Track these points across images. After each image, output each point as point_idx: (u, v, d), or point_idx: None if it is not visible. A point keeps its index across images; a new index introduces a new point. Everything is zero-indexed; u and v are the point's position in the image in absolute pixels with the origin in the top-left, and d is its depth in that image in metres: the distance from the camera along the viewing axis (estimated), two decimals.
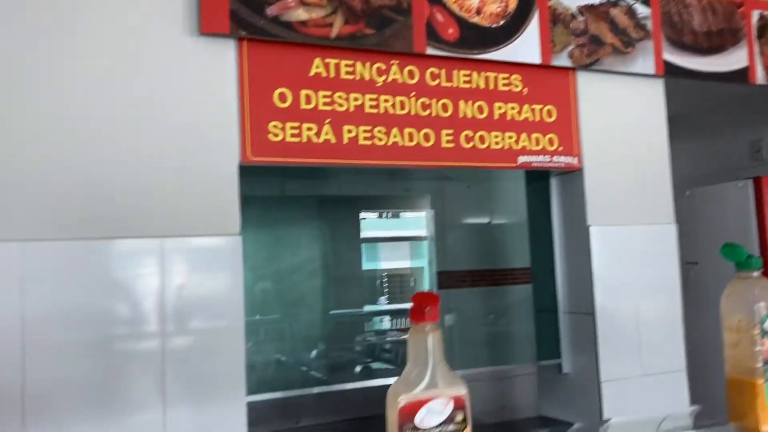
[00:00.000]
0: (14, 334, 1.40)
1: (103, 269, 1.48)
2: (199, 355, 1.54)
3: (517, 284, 3.47)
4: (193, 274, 1.56)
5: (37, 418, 1.39)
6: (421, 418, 0.83)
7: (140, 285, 1.51)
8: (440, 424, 0.85)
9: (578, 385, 2.08)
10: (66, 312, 1.44)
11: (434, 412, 0.83)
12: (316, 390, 2.10)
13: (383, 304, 4.26)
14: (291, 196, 3.22)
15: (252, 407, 1.58)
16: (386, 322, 4.33)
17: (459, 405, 0.86)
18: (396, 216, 4.65)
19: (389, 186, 3.70)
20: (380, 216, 4.64)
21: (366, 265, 4.20)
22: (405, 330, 4.05)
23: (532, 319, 2.34)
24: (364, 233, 4.15)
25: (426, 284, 4.25)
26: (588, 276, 2.03)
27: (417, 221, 4.52)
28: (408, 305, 0.91)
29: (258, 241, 3.03)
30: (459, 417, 0.85)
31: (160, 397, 1.49)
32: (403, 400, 0.84)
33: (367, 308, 4.02)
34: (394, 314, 4.18)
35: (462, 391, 0.86)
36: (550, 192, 2.19)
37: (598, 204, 2.06)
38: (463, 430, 0.85)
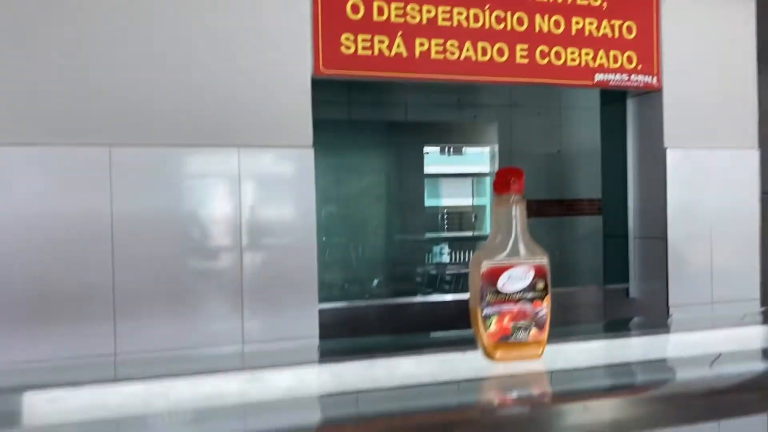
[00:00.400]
0: (105, 235, 1.47)
1: (183, 176, 1.54)
2: (275, 260, 1.60)
3: (584, 215, 3.41)
4: (269, 183, 1.61)
5: (125, 318, 1.48)
6: (503, 283, 0.84)
7: (219, 193, 1.56)
8: (522, 290, 0.86)
9: (645, 309, 2.05)
10: (150, 217, 1.51)
11: (516, 278, 0.85)
12: (378, 302, 2.16)
13: (444, 233, 4.29)
14: (357, 120, 3.23)
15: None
16: (446, 256, 4.37)
17: (540, 273, 0.87)
18: (459, 152, 4.61)
19: (457, 114, 3.66)
20: (443, 152, 4.60)
21: (428, 202, 4.21)
22: (465, 263, 4.07)
23: (600, 248, 2.31)
24: (428, 169, 4.14)
25: (488, 217, 4.22)
26: (662, 199, 1.97)
27: (480, 157, 4.46)
28: (468, 233, 0.91)
29: (324, 165, 3.07)
30: (540, 285, 0.86)
31: (238, 302, 1.56)
32: (486, 265, 0.86)
33: (429, 235, 4.05)
34: (454, 245, 4.20)
35: (543, 260, 0.87)
36: (625, 114, 2.12)
37: (677, 126, 1.98)
38: (544, 297, 0.86)
